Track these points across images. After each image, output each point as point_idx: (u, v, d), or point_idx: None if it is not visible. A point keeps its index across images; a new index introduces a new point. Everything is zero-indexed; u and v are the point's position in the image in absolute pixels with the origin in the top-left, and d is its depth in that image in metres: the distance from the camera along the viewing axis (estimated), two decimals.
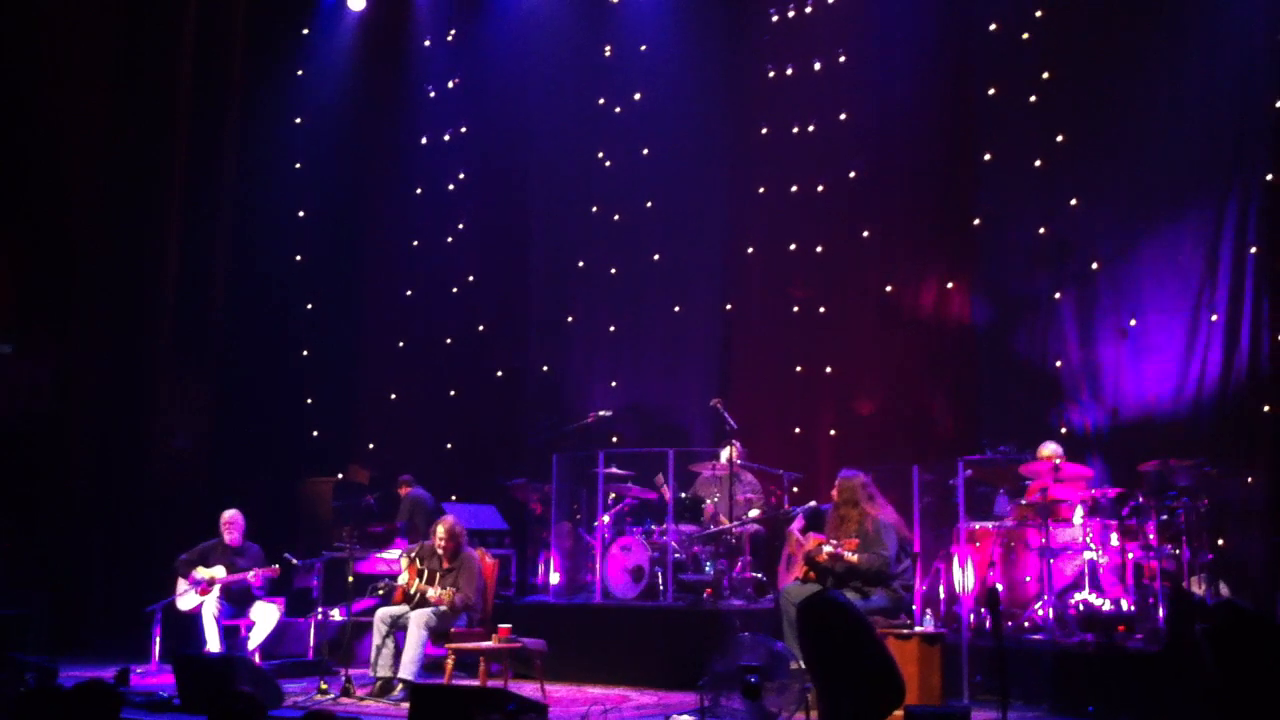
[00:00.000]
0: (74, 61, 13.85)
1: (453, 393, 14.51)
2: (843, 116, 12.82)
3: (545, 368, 14.27)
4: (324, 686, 9.26)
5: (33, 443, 13.40)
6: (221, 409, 14.05)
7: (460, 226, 14.75)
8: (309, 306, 14.50)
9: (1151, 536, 9.06)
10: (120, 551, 12.90)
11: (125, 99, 13.89)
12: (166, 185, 14.01)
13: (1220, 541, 9.57)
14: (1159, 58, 11.12)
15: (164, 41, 14.09)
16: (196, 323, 14.13)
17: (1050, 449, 9.82)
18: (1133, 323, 11.07)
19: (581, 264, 14.18)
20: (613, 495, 11.55)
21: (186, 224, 14.15)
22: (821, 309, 12.76)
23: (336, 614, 11.05)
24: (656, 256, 13.70)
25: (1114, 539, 9.21)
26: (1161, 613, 8.73)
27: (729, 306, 13.49)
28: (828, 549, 8.77)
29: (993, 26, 11.98)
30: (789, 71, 13.20)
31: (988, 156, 11.95)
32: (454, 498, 12.46)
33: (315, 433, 14.37)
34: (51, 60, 13.71)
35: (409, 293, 14.80)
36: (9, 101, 13.32)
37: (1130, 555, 9.12)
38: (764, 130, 13.30)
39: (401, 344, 14.76)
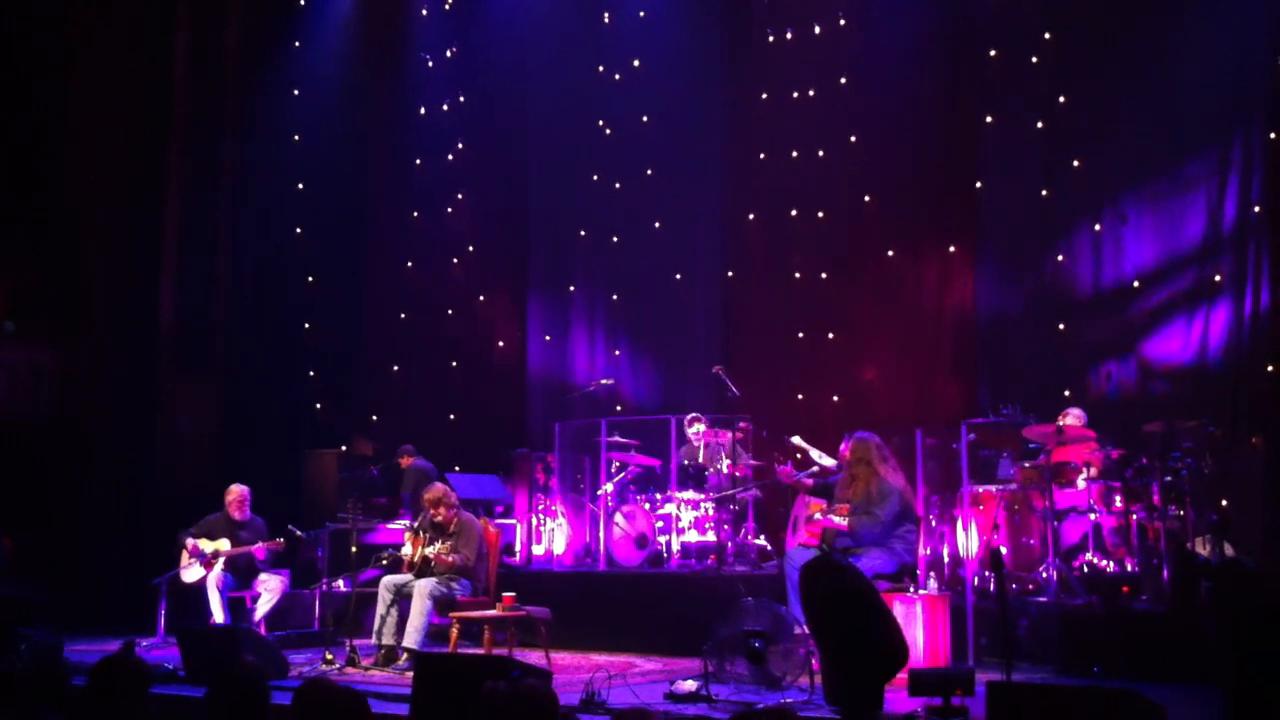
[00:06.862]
0: (69, 38, 13.79)
1: (454, 363, 14.49)
2: (843, 81, 12.71)
3: (547, 337, 14.24)
4: (329, 657, 9.27)
5: (38, 425, 13.41)
6: (224, 383, 14.04)
7: (460, 196, 14.68)
8: (309, 279, 14.45)
9: (1155, 498, 9.04)
10: (126, 524, 12.92)
11: (122, 75, 13.83)
12: (165, 161, 13.98)
13: (1224, 502, 9.54)
14: (1160, 16, 11.05)
15: (160, 16, 14.04)
16: (198, 299, 14.12)
17: (1074, 414, 9.74)
18: (1136, 284, 11.07)
19: (583, 233, 14.12)
20: (616, 464, 11.55)
21: (186, 199, 14.14)
22: (823, 275, 12.71)
23: (341, 585, 11.06)
24: (657, 224, 13.63)
25: (1118, 500, 9.19)
26: (1166, 574, 8.72)
27: (730, 274, 13.42)
28: (818, 516, 8.79)
29: None
30: (789, 36, 13.08)
31: (989, 119, 11.88)
32: (457, 468, 12.45)
33: (318, 405, 14.35)
34: (47, 39, 13.65)
35: (409, 264, 14.75)
36: (5, 88, 13.29)
37: (1134, 517, 9.09)
38: (764, 96, 13.19)
39: (403, 315, 14.73)
